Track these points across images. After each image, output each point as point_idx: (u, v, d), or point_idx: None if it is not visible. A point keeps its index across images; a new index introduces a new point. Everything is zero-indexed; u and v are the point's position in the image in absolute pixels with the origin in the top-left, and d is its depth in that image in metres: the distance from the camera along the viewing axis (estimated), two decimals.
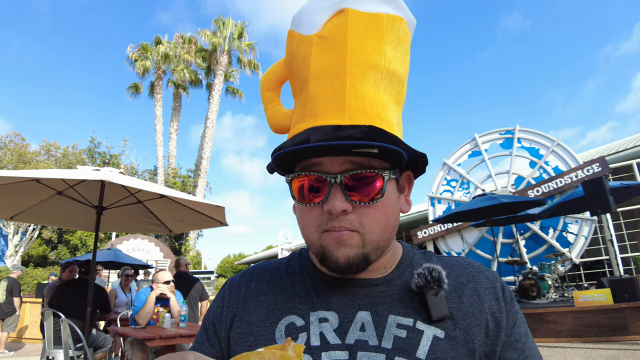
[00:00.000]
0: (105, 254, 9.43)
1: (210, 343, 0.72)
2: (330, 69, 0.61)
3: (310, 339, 0.63)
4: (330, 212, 0.60)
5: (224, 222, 5.14)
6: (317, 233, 0.63)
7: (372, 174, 0.61)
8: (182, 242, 22.35)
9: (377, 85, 0.62)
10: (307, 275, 0.72)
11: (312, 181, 0.62)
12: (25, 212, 4.83)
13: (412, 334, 0.62)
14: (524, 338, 0.68)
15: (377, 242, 0.63)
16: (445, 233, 13.51)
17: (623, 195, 8.66)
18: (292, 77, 0.70)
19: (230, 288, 0.76)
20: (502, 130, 13.17)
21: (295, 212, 0.69)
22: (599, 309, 6.69)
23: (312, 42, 0.64)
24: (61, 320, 4.41)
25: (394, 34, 0.64)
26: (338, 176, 0.60)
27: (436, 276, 0.64)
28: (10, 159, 20.11)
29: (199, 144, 23.22)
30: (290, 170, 0.65)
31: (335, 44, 0.62)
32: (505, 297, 0.68)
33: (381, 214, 0.63)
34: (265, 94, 0.75)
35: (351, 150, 0.58)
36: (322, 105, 0.61)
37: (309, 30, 0.65)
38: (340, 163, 0.60)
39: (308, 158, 0.62)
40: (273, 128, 0.73)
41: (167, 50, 22.53)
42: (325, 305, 0.67)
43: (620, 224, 12.69)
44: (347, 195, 0.60)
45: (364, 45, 0.61)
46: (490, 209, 8.85)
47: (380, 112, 0.62)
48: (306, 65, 0.64)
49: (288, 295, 0.70)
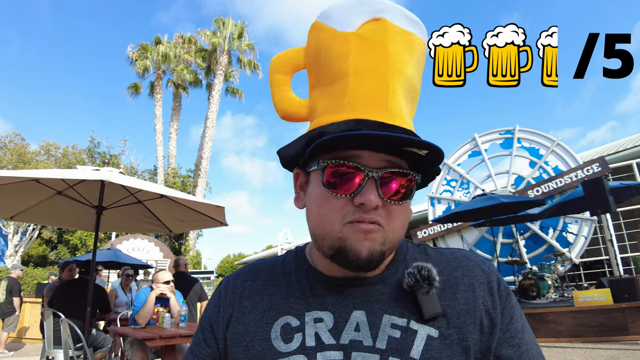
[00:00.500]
0: (105, 254, 9.43)
1: (207, 344, 0.72)
2: (373, 69, 0.63)
3: (305, 339, 0.64)
4: (363, 205, 0.60)
5: (223, 222, 5.14)
6: (340, 224, 0.62)
7: (408, 174, 0.63)
8: (182, 242, 22.34)
9: (405, 95, 0.65)
10: (303, 274, 0.72)
11: (347, 172, 0.61)
12: (25, 212, 4.84)
13: (406, 334, 0.62)
14: (521, 333, 0.67)
15: (394, 241, 0.64)
16: (445, 233, 13.51)
17: (623, 195, 8.66)
18: (316, 68, 0.69)
19: (226, 288, 0.75)
20: (502, 130, 13.18)
21: (307, 203, 0.68)
22: (599, 309, 6.69)
23: (349, 39, 0.65)
24: (61, 320, 4.41)
25: (419, 55, 0.68)
26: (377, 171, 0.61)
27: (425, 275, 0.64)
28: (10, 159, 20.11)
29: (199, 144, 23.23)
30: (319, 158, 0.64)
31: (377, 46, 0.64)
32: (501, 292, 0.68)
33: (404, 215, 0.65)
34: (275, 76, 0.74)
35: (401, 148, 0.60)
36: (365, 100, 0.62)
37: (343, 27, 0.65)
38: (379, 159, 0.62)
39: (349, 149, 0.62)
40: (281, 113, 0.73)
41: (167, 50, 22.51)
42: (321, 305, 0.67)
43: (620, 224, 12.69)
44: (380, 192, 0.61)
45: (400, 55, 0.64)
46: (490, 209, 8.86)
47: (407, 120, 0.65)
48: (343, 59, 0.64)
49: (284, 295, 0.70)
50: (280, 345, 0.64)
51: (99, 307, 5.07)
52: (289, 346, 0.64)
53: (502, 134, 13.16)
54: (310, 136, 0.64)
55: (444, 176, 13.86)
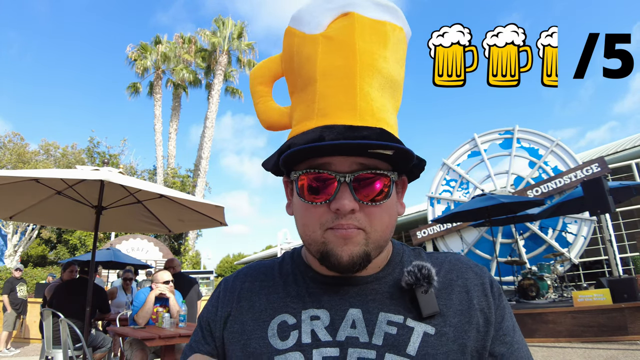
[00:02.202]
0: (104, 254, 9.42)
1: (206, 341, 0.73)
2: (340, 69, 0.62)
3: (301, 336, 0.64)
4: (338, 211, 0.60)
5: (223, 222, 5.14)
6: (320, 231, 0.63)
7: (380, 175, 0.62)
8: (181, 242, 22.32)
9: (382, 90, 0.64)
10: (300, 275, 0.73)
11: (320, 180, 0.62)
12: (24, 212, 4.83)
13: (402, 331, 0.63)
14: (512, 332, 0.68)
15: (379, 241, 0.64)
16: (444, 233, 13.51)
17: (622, 196, 8.67)
18: (291, 75, 0.70)
19: (225, 288, 0.77)
20: (501, 130, 13.18)
21: (293, 211, 0.70)
22: (598, 309, 6.69)
23: (317, 41, 0.64)
24: (60, 320, 4.40)
25: (395, 43, 0.66)
26: (348, 175, 0.61)
27: (426, 273, 0.65)
28: (9, 159, 20.08)
29: (198, 144, 23.23)
30: (294, 168, 0.66)
31: (343, 45, 0.62)
32: (494, 293, 0.69)
33: (385, 214, 0.64)
34: (256, 88, 0.74)
35: (367, 151, 0.59)
36: (333, 104, 0.62)
37: (312, 29, 0.65)
38: (350, 163, 0.62)
39: (320, 157, 0.62)
40: (264, 124, 0.73)
41: (166, 50, 22.50)
42: (317, 304, 0.67)
43: (619, 224, 12.70)
44: (355, 195, 0.61)
45: (370, 50, 0.63)
46: (489, 209, 8.86)
47: (385, 116, 0.64)
48: (312, 63, 0.64)
49: (281, 295, 0.71)
50: (277, 343, 0.65)
51: (98, 307, 5.06)
52: (285, 343, 0.64)
53: (501, 134, 13.16)
54: (281, 149, 0.65)
55: (443, 176, 13.87)
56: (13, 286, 8.53)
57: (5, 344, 8.42)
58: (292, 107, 0.70)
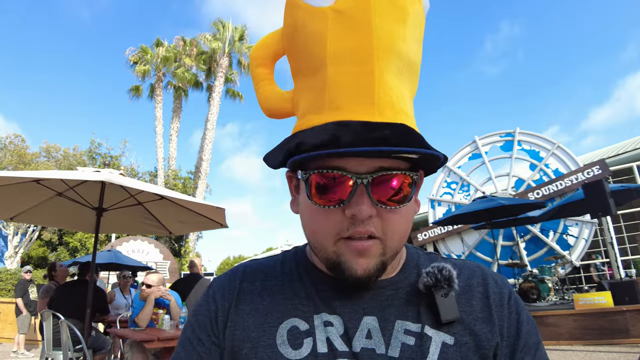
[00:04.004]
0: (105, 256, 9.42)
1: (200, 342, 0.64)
2: (355, 52, 0.53)
3: (316, 344, 0.58)
4: (355, 217, 0.54)
5: (224, 223, 5.14)
6: (333, 240, 0.57)
7: (401, 176, 0.56)
8: (182, 243, 22.31)
9: (400, 75, 0.56)
10: (306, 275, 0.66)
11: (334, 181, 0.55)
12: (25, 213, 4.83)
13: (420, 341, 0.58)
14: (533, 350, 0.62)
15: (396, 249, 0.59)
16: (445, 235, 13.49)
17: (623, 198, 8.64)
18: (294, 54, 0.61)
19: (219, 288, 0.68)
20: (502, 132, 13.17)
21: (300, 212, 0.63)
22: (599, 312, 6.67)
23: (326, 16, 0.54)
24: (60, 322, 4.40)
25: (414, 19, 0.57)
26: (365, 177, 0.54)
27: (447, 275, 0.60)
28: (10, 160, 20.11)
29: (199, 146, 23.23)
30: (303, 168, 0.59)
31: (358, 23, 0.53)
32: (510, 305, 0.65)
33: (404, 220, 0.58)
34: (256, 71, 0.66)
35: (390, 156, 0.53)
36: (346, 95, 0.53)
37: (319, 1, 0.55)
38: (368, 165, 0.55)
39: (334, 157, 0.55)
40: (266, 112, 0.65)
41: (166, 53, 22.56)
42: (329, 308, 0.61)
43: (620, 227, 12.67)
44: (373, 199, 0.54)
45: (389, 29, 0.53)
46: (490, 212, 8.84)
47: (403, 106, 0.55)
48: (321, 43, 0.55)
49: (287, 296, 0.64)
50: (289, 352, 0.58)
51: (98, 308, 5.06)
52: (298, 352, 0.58)
53: (502, 136, 13.15)
54: (288, 148, 0.56)
55: (444, 178, 13.86)
56: (25, 288, 8.50)
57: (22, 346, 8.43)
58: (295, 92, 0.62)
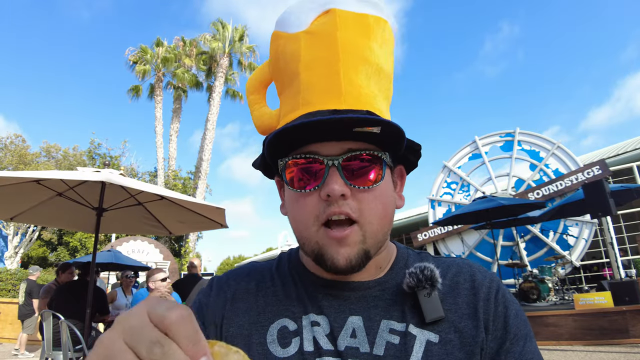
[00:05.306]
0: (105, 256, 9.41)
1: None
2: (323, 59, 0.61)
3: (303, 343, 0.61)
4: (329, 197, 0.58)
5: (224, 224, 5.14)
6: (314, 227, 0.60)
7: (371, 156, 0.60)
8: (182, 244, 22.31)
9: (369, 78, 0.62)
10: (298, 277, 0.70)
11: (308, 165, 0.60)
12: (25, 213, 4.83)
13: (404, 340, 0.60)
14: (522, 342, 0.61)
15: (377, 235, 0.61)
16: (445, 235, 13.49)
17: (623, 198, 8.65)
18: (279, 75, 0.69)
19: (218, 287, 0.72)
20: (502, 132, 13.17)
21: (286, 208, 0.68)
22: (600, 312, 6.67)
23: (299, 38, 0.64)
24: (60, 322, 4.40)
25: (380, 34, 0.65)
26: (337, 158, 0.59)
27: (428, 275, 0.62)
28: (10, 160, 20.12)
29: (199, 146, 23.23)
30: (281, 158, 0.64)
31: (325, 37, 0.62)
32: (497, 299, 0.64)
33: (380, 202, 0.61)
34: (250, 97, 0.75)
35: (353, 130, 0.57)
36: (317, 91, 0.61)
37: (295, 28, 0.65)
38: (340, 147, 0.60)
39: (307, 144, 0.60)
40: (259, 129, 0.73)
41: (166, 53, 22.55)
42: (317, 309, 0.64)
43: (620, 227, 12.67)
44: (345, 179, 0.58)
45: (354, 40, 0.62)
46: (490, 212, 8.84)
47: (373, 102, 0.62)
48: (295, 58, 0.63)
49: (279, 297, 0.68)
50: (277, 350, 0.61)
51: (98, 308, 5.05)
52: (286, 351, 0.61)
53: (502, 136, 13.15)
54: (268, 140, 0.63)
55: (444, 179, 13.86)
56: (38, 289, 8.48)
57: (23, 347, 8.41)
58: (280, 106, 0.70)
